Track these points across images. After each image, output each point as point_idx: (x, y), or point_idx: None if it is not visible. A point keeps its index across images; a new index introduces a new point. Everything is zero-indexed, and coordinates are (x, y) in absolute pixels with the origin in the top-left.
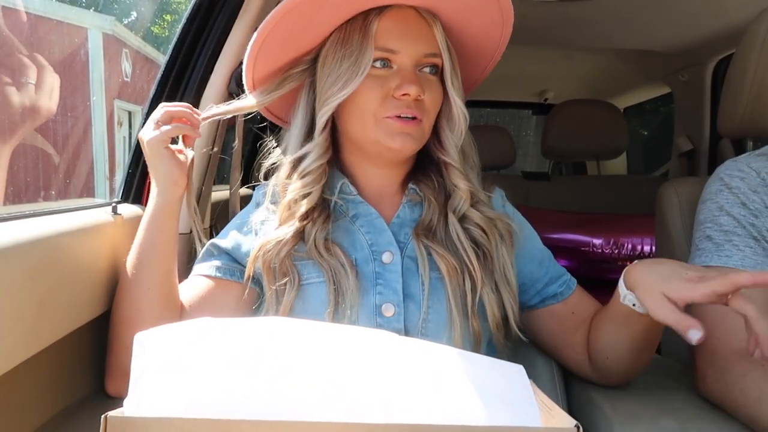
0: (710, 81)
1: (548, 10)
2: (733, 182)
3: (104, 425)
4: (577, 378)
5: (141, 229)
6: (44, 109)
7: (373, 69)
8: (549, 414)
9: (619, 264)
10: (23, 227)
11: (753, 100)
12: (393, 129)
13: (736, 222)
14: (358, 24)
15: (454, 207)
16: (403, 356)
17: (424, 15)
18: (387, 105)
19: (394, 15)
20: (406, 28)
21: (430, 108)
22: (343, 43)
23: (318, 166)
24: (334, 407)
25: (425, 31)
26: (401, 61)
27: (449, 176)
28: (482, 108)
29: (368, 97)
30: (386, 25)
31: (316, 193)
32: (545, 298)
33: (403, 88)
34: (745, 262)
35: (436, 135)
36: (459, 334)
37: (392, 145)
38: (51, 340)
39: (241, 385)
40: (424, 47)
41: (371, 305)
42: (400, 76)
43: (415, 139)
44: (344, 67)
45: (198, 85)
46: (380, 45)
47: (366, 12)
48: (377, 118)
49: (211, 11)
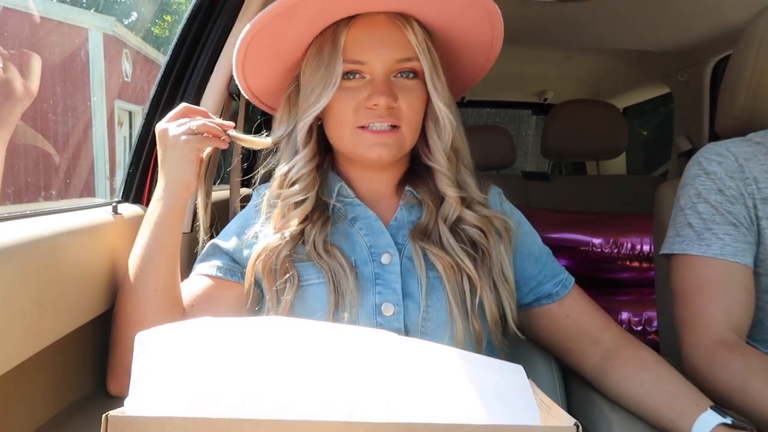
0: (709, 81)
1: (548, 10)
2: (711, 167)
3: (105, 424)
4: (576, 378)
5: (145, 229)
6: (27, 91)
7: (345, 81)
8: (548, 413)
9: (618, 263)
10: (24, 227)
11: (751, 100)
12: (367, 141)
13: (714, 209)
14: (329, 36)
15: (445, 216)
16: (404, 356)
17: (396, 19)
18: (360, 115)
19: (362, 24)
20: (375, 36)
21: (409, 114)
22: (317, 55)
23: (307, 173)
24: (334, 407)
25: (397, 36)
26: (372, 70)
27: (437, 183)
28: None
29: (342, 108)
30: (354, 36)
31: (310, 201)
32: (540, 296)
33: (372, 99)
34: (724, 251)
35: (425, 139)
36: (461, 334)
37: (368, 155)
38: (51, 339)
39: (242, 385)
40: (396, 53)
41: (371, 305)
42: (371, 86)
43: (392, 148)
44: (317, 79)
45: (198, 86)
46: (349, 57)
47: (336, 23)
48: (353, 128)
49: (212, 12)
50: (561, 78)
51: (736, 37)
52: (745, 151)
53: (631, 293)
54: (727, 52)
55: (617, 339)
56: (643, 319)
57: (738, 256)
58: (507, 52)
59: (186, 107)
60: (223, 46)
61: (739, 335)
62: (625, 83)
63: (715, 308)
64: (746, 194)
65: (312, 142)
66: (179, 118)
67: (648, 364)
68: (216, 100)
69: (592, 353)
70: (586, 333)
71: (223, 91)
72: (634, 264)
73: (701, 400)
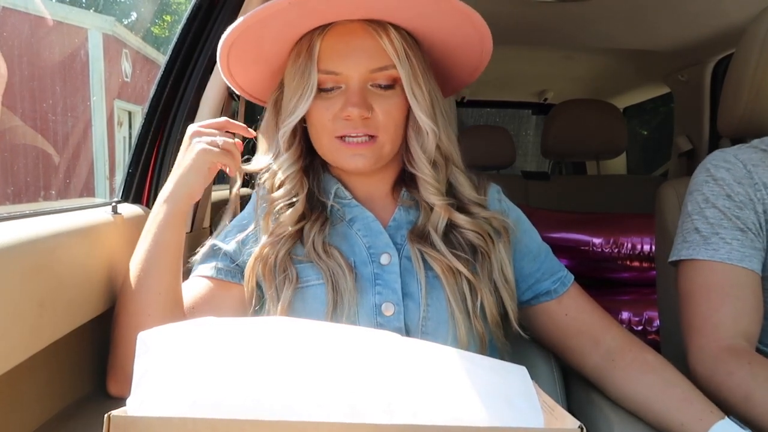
0: (710, 81)
1: (548, 10)
2: (719, 173)
3: (107, 424)
4: (577, 378)
5: (148, 232)
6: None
7: (321, 92)
8: (551, 415)
9: (618, 263)
10: (23, 227)
11: (753, 100)
12: (344, 151)
13: (722, 214)
14: (305, 45)
15: (435, 224)
16: (406, 357)
17: (371, 27)
18: (337, 125)
19: (337, 32)
20: (349, 45)
21: (387, 122)
22: (294, 62)
23: (293, 174)
24: (336, 407)
25: (372, 44)
26: (346, 81)
27: (421, 192)
28: (482, 108)
29: (318, 118)
30: (329, 45)
31: (300, 203)
32: (538, 294)
33: (345, 111)
34: (732, 255)
35: (407, 147)
36: (464, 335)
37: (346, 165)
38: (51, 339)
39: (244, 385)
40: (371, 62)
41: (371, 305)
42: (345, 96)
43: (369, 158)
44: (294, 88)
45: (198, 86)
46: (323, 67)
47: (311, 31)
48: (330, 137)
49: (211, 12)
50: (561, 78)
51: (737, 37)
52: (752, 158)
53: (631, 293)
54: (728, 52)
55: (619, 339)
56: (643, 318)
57: (746, 261)
58: (507, 52)
59: (227, 121)
60: None
61: (749, 341)
62: (625, 83)
63: (723, 313)
64: (756, 200)
65: (296, 144)
66: (215, 128)
67: (654, 367)
68: (216, 100)
69: (592, 352)
70: (585, 332)
71: (222, 91)
72: (635, 264)
73: (714, 408)
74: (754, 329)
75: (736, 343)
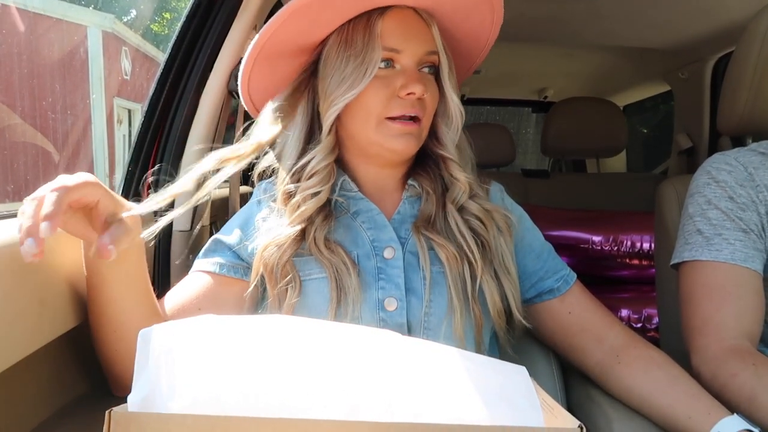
0: (710, 78)
1: (548, 7)
2: (720, 175)
3: (108, 421)
4: (576, 376)
5: (104, 287)
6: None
7: (378, 69)
8: (551, 414)
9: (618, 261)
10: None
11: (753, 98)
12: (395, 131)
13: (725, 215)
14: (362, 24)
15: (453, 198)
16: (407, 356)
17: (422, 15)
18: (392, 105)
19: (395, 15)
20: (408, 27)
21: (430, 106)
22: (347, 43)
23: (325, 166)
24: (336, 406)
25: (424, 30)
26: (404, 60)
27: (448, 170)
28: (482, 106)
29: (373, 97)
30: (389, 25)
31: (324, 193)
32: (541, 292)
33: (408, 88)
34: (735, 256)
35: (434, 132)
36: (459, 320)
37: (395, 146)
38: (51, 336)
39: (245, 383)
40: (425, 46)
41: (374, 300)
42: (405, 75)
43: (416, 139)
44: (350, 68)
45: (197, 83)
46: (385, 45)
47: (368, 12)
48: (380, 119)
49: (211, 9)
50: (561, 75)
51: (737, 35)
52: (753, 161)
53: (630, 290)
54: (728, 50)
55: (622, 337)
56: (642, 316)
57: (749, 262)
58: (507, 50)
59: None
60: (222, 44)
61: (751, 342)
62: (625, 81)
63: (725, 313)
64: (758, 201)
65: (332, 133)
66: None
67: (659, 363)
68: (215, 97)
69: (595, 350)
70: (588, 330)
71: (222, 88)
72: (634, 261)
73: (720, 405)
74: (756, 329)
75: (740, 343)
